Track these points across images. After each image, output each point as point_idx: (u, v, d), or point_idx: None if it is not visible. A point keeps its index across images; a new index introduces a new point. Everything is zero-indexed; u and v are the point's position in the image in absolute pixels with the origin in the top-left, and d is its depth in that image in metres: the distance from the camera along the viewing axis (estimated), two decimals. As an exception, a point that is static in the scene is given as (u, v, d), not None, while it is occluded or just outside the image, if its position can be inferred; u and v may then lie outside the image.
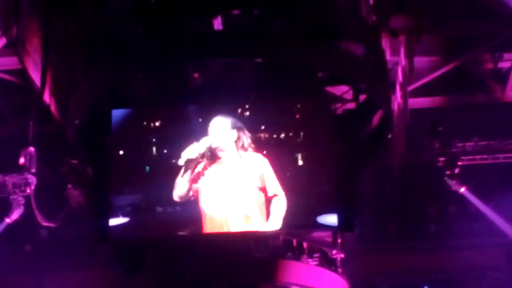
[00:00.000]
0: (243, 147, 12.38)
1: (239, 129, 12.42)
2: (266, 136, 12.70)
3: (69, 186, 13.89)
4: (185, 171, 12.19)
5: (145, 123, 12.97)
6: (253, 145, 12.41)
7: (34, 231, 15.14)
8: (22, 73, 12.28)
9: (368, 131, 13.30)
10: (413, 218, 15.45)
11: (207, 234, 12.49)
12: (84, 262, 15.05)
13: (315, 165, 12.56)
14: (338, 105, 13.46)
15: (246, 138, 12.39)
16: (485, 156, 13.93)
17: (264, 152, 12.43)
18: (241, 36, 12.33)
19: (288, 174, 12.45)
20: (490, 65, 14.08)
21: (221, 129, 12.40)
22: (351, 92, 13.47)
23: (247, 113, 12.82)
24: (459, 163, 13.76)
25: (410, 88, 13.33)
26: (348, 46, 12.70)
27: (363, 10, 12.42)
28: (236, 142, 12.38)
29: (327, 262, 13.13)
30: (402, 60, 12.86)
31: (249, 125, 12.57)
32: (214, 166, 12.38)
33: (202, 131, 12.51)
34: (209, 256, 12.42)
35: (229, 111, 12.64)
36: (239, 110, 12.76)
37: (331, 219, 12.10)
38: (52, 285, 15.52)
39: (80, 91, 12.94)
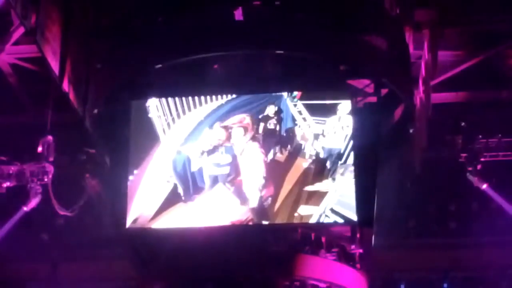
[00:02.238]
0: None
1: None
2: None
3: (87, 175, 13.85)
4: None
5: None
6: None
7: (51, 220, 15.14)
8: (41, 61, 12.24)
9: (390, 126, 13.20)
10: (434, 215, 15.29)
11: (223, 226, 12.50)
12: (101, 252, 15.03)
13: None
14: (360, 98, 13.38)
15: None
16: (509, 153, 13.71)
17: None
18: (262, 27, 12.24)
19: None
20: (515, 61, 13.88)
21: None
22: (373, 85, 13.37)
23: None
24: (482, 159, 13.56)
25: (433, 82, 13.17)
26: (371, 39, 12.58)
27: (387, 3, 12.28)
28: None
29: (345, 257, 13.01)
30: (426, 54, 12.71)
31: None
32: None
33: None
34: (226, 248, 12.35)
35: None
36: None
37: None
38: (68, 274, 15.51)
39: (99, 80, 12.92)
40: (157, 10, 12.43)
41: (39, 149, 12.97)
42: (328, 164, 12.70)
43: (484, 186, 13.65)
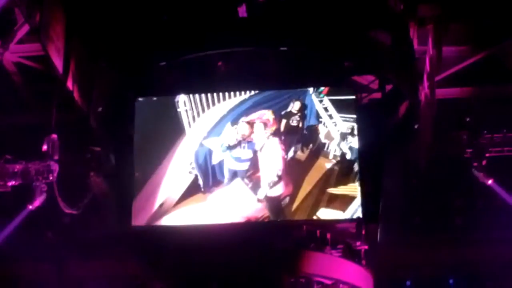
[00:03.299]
0: None
1: None
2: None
3: (92, 173, 13.85)
4: None
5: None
6: None
7: (56, 218, 15.12)
8: (45, 60, 12.26)
9: (395, 122, 13.17)
10: (439, 211, 15.22)
11: (229, 224, 12.52)
12: (106, 250, 15.00)
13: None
14: (364, 94, 13.36)
15: None
16: (514, 148, 13.66)
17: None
18: (266, 24, 12.26)
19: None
20: (520, 56, 13.79)
21: None
22: (377, 81, 13.35)
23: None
24: (487, 155, 13.50)
25: (437, 78, 13.11)
26: (375, 35, 12.57)
27: (391, -1, 12.28)
28: None
29: (351, 254, 13.00)
30: (430, 49, 12.65)
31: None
32: None
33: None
34: (231, 246, 12.35)
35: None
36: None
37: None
38: (74, 273, 15.51)
39: (103, 78, 12.96)
40: (162, 8, 12.44)
41: (44, 147, 12.97)
42: (356, 167, 12.56)
43: (490, 181, 13.59)
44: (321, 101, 12.88)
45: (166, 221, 12.93)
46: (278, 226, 12.75)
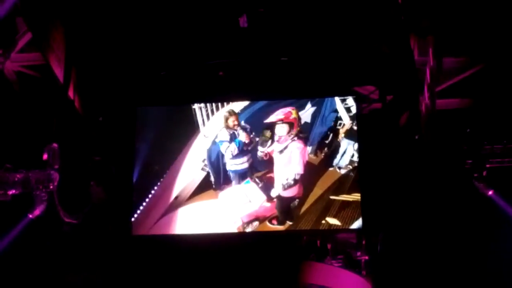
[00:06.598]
0: None
1: None
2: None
3: (92, 182, 13.88)
4: None
5: None
6: None
7: (56, 227, 15.12)
8: (46, 69, 12.31)
9: (395, 132, 13.19)
10: (440, 222, 15.17)
11: (227, 233, 12.56)
12: (106, 259, 15.03)
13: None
14: (364, 105, 13.38)
15: None
16: (514, 159, 13.65)
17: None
18: (267, 34, 12.31)
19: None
20: (522, 66, 13.79)
21: None
22: (377, 92, 13.37)
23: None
24: (487, 165, 13.49)
25: (438, 88, 13.13)
26: (375, 45, 12.60)
27: (391, 9, 12.28)
28: None
29: (351, 264, 12.99)
30: (430, 60, 12.68)
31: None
32: None
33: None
34: (231, 256, 12.38)
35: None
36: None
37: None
38: (74, 281, 15.49)
39: (104, 87, 13.01)
40: (161, 17, 12.50)
41: (45, 156, 13.00)
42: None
43: (490, 192, 13.58)
44: (343, 101, 12.83)
45: (181, 213, 13.08)
46: (278, 236, 12.77)
